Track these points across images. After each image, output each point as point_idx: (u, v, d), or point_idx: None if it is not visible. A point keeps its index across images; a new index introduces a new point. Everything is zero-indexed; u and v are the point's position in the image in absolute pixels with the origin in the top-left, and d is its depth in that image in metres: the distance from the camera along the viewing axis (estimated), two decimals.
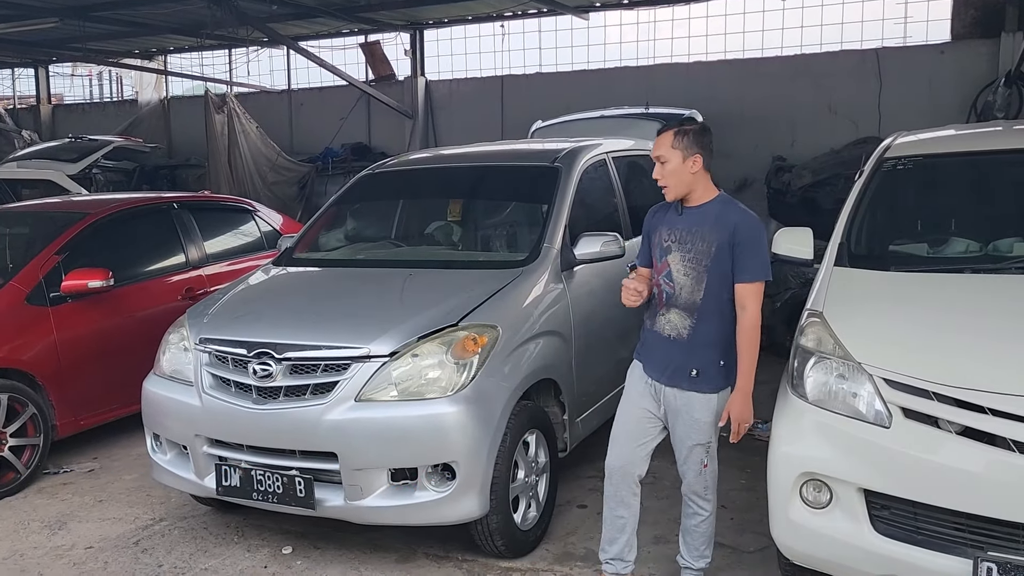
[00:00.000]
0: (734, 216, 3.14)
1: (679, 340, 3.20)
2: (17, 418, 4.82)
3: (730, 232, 3.10)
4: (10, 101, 16.13)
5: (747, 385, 3.14)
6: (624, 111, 8.09)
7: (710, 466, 3.29)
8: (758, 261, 3.11)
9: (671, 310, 3.22)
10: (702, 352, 3.17)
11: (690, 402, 3.20)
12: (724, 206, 3.19)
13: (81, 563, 3.96)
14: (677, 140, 3.14)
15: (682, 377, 3.20)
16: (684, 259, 3.16)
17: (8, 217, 6.25)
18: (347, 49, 11.96)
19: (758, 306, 3.12)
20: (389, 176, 5.43)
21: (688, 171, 3.14)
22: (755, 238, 3.12)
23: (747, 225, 3.13)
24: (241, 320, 4.06)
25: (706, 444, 3.25)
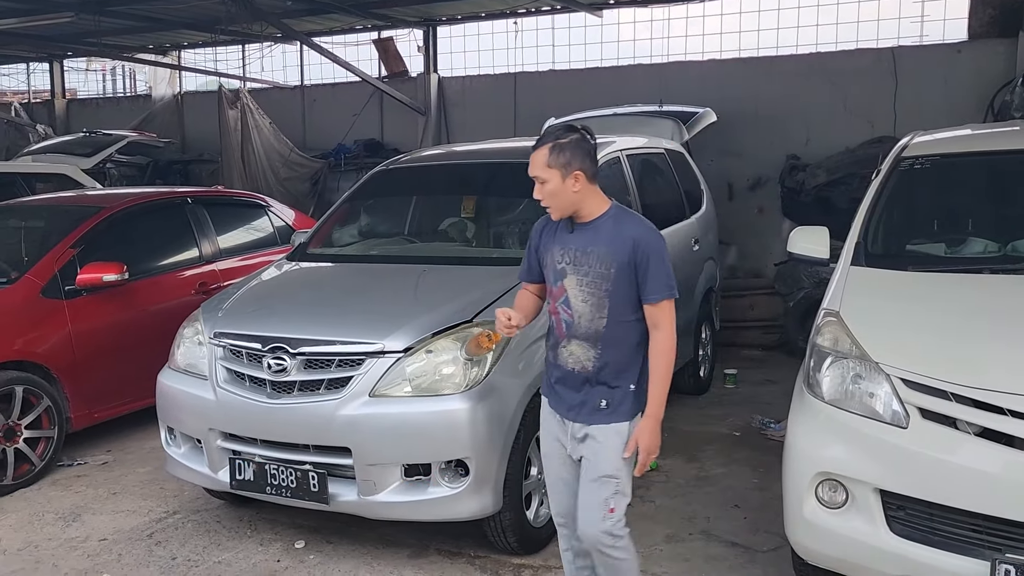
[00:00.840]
0: (631, 231, 2.79)
1: (584, 373, 2.85)
2: (32, 410, 4.85)
3: (629, 249, 2.76)
4: (25, 96, 16.21)
5: (657, 412, 2.81)
6: (637, 108, 8.06)
7: (616, 511, 2.82)
8: (664, 278, 2.78)
9: (572, 341, 2.85)
10: (610, 382, 2.83)
11: (599, 432, 2.84)
12: (618, 220, 2.83)
13: (95, 555, 3.98)
14: (553, 157, 2.75)
15: (591, 411, 2.85)
16: (581, 284, 2.81)
17: (23, 211, 6.29)
18: (360, 45, 11.95)
19: (672, 325, 2.81)
20: (402, 172, 5.44)
21: (570, 190, 2.76)
22: (657, 252, 2.78)
23: (647, 240, 2.78)
24: (256, 315, 4.07)
25: (614, 478, 2.81)
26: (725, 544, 3.95)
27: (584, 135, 2.80)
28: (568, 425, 2.91)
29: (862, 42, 9.00)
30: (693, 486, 4.63)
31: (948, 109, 7.92)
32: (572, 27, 10.74)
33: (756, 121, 8.92)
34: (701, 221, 6.41)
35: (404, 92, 11.07)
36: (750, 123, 8.90)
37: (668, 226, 5.77)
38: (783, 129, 8.86)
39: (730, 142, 8.85)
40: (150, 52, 13.34)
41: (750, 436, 5.46)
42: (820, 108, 8.73)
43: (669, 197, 6.16)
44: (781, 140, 8.86)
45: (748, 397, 6.37)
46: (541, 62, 10.87)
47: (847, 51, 8.95)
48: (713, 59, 9.62)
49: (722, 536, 4.02)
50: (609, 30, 10.62)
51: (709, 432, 5.52)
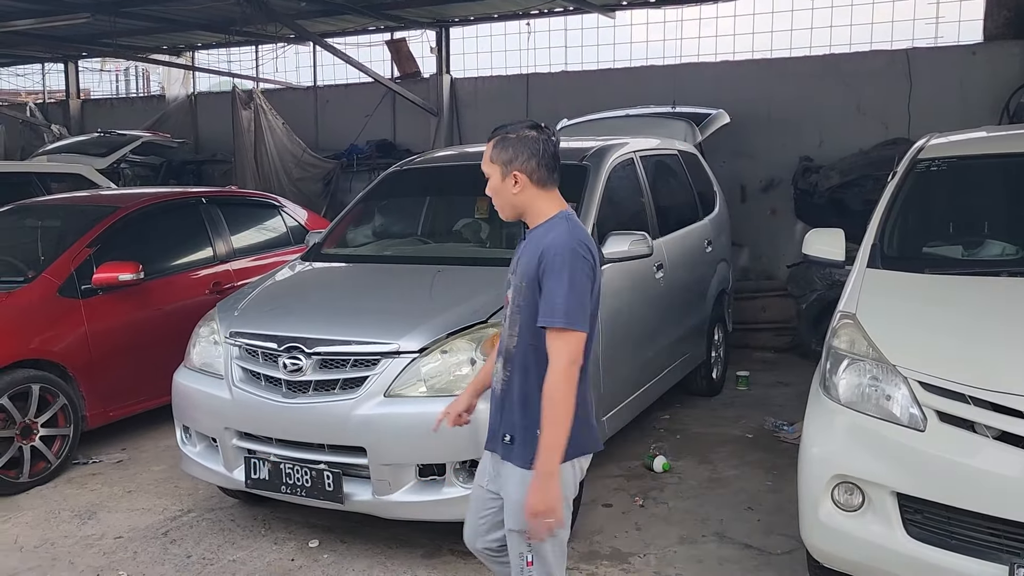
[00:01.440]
0: (547, 238, 2.39)
1: (500, 396, 2.53)
2: (48, 408, 4.88)
3: (537, 261, 2.37)
4: (40, 96, 16.32)
5: (545, 465, 2.30)
6: (650, 110, 8.06)
7: (536, 564, 2.43)
8: (553, 301, 2.31)
9: (499, 357, 2.56)
10: (516, 413, 2.45)
11: (506, 474, 2.49)
12: (548, 229, 2.43)
13: (111, 552, 4.00)
14: (496, 152, 2.48)
15: (499, 442, 2.52)
16: (511, 296, 2.51)
17: (40, 210, 6.33)
18: (373, 46, 11.99)
19: (566, 360, 2.31)
20: (416, 173, 5.45)
21: (509, 191, 2.46)
22: (559, 270, 2.32)
23: (552, 252, 2.35)
24: (271, 314, 4.09)
25: (522, 533, 2.41)
26: (739, 546, 3.94)
27: (540, 134, 2.49)
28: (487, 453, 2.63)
29: (876, 44, 8.97)
30: (706, 488, 4.63)
31: (963, 111, 7.88)
32: (585, 28, 10.74)
33: (769, 122, 8.90)
34: (714, 223, 6.40)
35: (417, 93, 11.09)
36: (763, 124, 8.88)
37: (681, 227, 5.78)
38: (796, 131, 8.83)
39: (743, 143, 8.83)
40: (164, 53, 13.41)
41: (763, 438, 5.44)
42: (833, 110, 8.70)
43: (682, 199, 6.16)
44: (794, 142, 8.83)
45: (761, 399, 6.35)
46: (554, 63, 10.87)
47: (861, 53, 8.91)
48: (726, 60, 9.60)
49: (736, 538, 4.01)
50: (622, 31, 10.61)
51: (722, 434, 5.51)
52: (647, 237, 4.44)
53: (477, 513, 2.70)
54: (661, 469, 4.84)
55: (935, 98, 8.23)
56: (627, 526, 4.16)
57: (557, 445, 2.31)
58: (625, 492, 4.57)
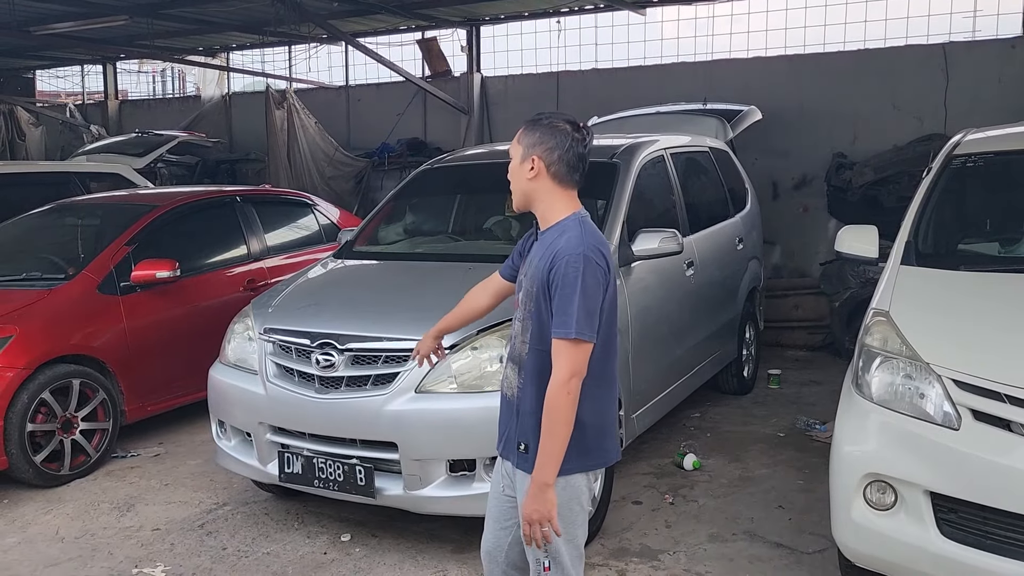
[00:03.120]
0: (558, 245, 2.31)
1: (512, 402, 2.47)
2: (88, 403, 4.99)
3: (547, 268, 2.31)
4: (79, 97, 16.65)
5: (542, 475, 2.26)
6: (681, 107, 8.02)
7: (553, 570, 2.40)
8: (563, 313, 2.26)
9: (508, 363, 2.50)
10: (530, 421, 2.38)
11: (522, 483, 2.41)
12: (562, 233, 2.35)
13: (149, 544, 4.09)
14: (523, 134, 2.43)
15: (512, 450, 2.47)
16: (521, 300, 2.44)
17: (79, 209, 6.45)
18: (404, 46, 12.06)
19: (567, 371, 2.25)
20: (447, 171, 5.49)
21: (524, 175, 2.40)
22: (569, 279, 2.26)
23: (563, 262, 2.27)
24: (304, 311, 4.14)
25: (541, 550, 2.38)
26: (770, 545, 3.92)
27: (573, 131, 2.39)
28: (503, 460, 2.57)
29: (912, 38, 8.84)
30: (737, 486, 4.61)
31: (1001, 106, 7.75)
32: (615, 25, 10.71)
33: (802, 119, 8.81)
34: (745, 220, 6.37)
35: (447, 92, 11.14)
36: (796, 121, 8.79)
37: (712, 225, 5.75)
38: (829, 127, 8.74)
39: (775, 140, 8.75)
40: (199, 54, 13.61)
41: (795, 437, 5.41)
42: (868, 106, 8.59)
43: (713, 196, 6.13)
44: (827, 138, 8.74)
45: (792, 398, 6.30)
46: (584, 61, 10.86)
47: (896, 47, 8.79)
48: (758, 56, 9.53)
49: (767, 537, 3.99)
50: (652, 28, 10.57)
51: (753, 433, 5.48)
52: (677, 234, 4.44)
53: (499, 522, 2.60)
54: (691, 467, 4.82)
55: (972, 93, 8.10)
56: (657, 524, 4.16)
57: (554, 455, 2.27)
58: (655, 490, 4.57)
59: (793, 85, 8.90)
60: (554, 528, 2.30)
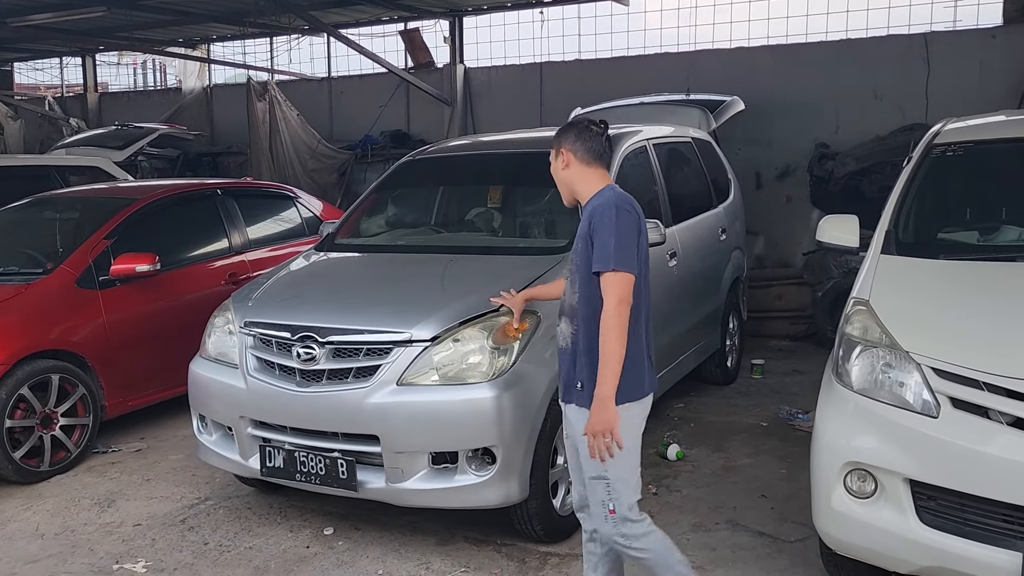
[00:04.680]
0: (594, 202, 2.83)
1: (567, 350, 2.90)
2: (68, 398, 4.94)
3: (588, 222, 2.79)
4: (58, 90, 16.46)
5: (603, 390, 2.66)
6: (664, 97, 8.02)
7: (618, 510, 2.76)
8: (602, 249, 2.71)
9: (561, 318, 2.95)
10: (585, 362, 2.80)
11: (581, 421, 2.79)
12: (596, 197, 2.85)
13: (130, 540, 4.06)
14: (555, 138, 2.97)
15: (572, 391, 2.87)
16: (571, 261, 2.93)
17: (58, 202, 6.39)
18: (387, 37, 11.98)
19: (615, 298, 2.68)
20: (429, 163, 5.46)
21: (560, 169, 2.93)
22: (606, 224, 2.72)
23: (598, 212, 2.76)
24: (285, 304, 4.11)
25: (601, 479, 2.76)
26: (752, 534, 3.94)
27: (592, 125, 2.92)
28: (564, 407, 2.96)
29: (893, 28, 8.86)
30: (720, 476, 4.62)
31: (982, 95, 7.78)
32: (598, 16, 10.68)
33: (785, 109, 8.82)
34: (728, 210, 6.38)
35: (430, 83, 11.09)
36: (778, 111, 8.80)
37: (695, 215, 5.75)
38: (812, 117, 8.76)
39: (758, 130, 8.77)
40: (180, 46, 13.47)
41: (777, 427, 5.43)
42: (850, 95, 8.61)
43: (696, 186, 6.13)
44: (810, 128, 8.76)
45: (775, 387, 6.33)
46: (567, 52, 10.83)
47: (878, 37, 8.81)
48: (741, 47, 9.53)
49: (749, 526, 4.01)
50: (636, 19, 10.55)
51: (736, 422, 5.50)
52: (660, 225, 4.43)
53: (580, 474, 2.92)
54: (675, 457, 4.84)
55: (953, 82, 8.14)
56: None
57: (612, 372, 2.66)
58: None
59: (776, 75, 8.91)
60: (616, 440, 2.66)
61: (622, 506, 2.77)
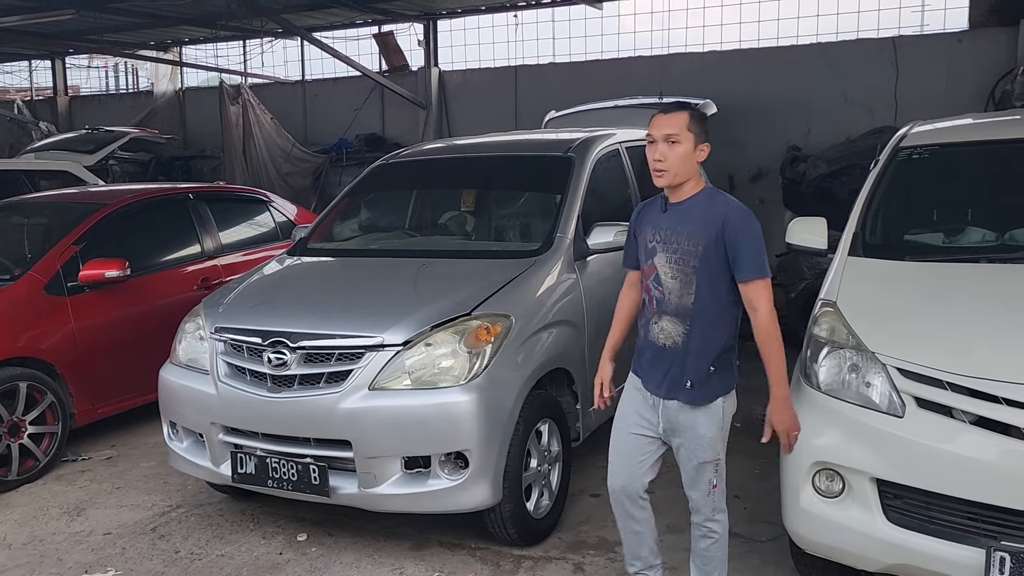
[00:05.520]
0: (722, 208, 2.85)
1: (674, 349, 2.93)
2: (36, 406, 4.88)
3: (719, 227, 2.81)
4: (27, 93, 16.26)
5: (782, 391, 2.89)
6: (638, 101, 8.06)
7: (719, 486, 3.03)
8: (755, 257, 2.81)
9: (663, 317, 2.95)
10: (697, 360, 2.92)
11: (692, 416, 2.96)
12: (711, 199, 2.90)
13: (99, 549, 4.01)
14: (694, 122, 2.87)
15: (679, 389, 2.94)
16: (670, 260, 2.90)
17: (27, 207, 6.31)
18: (361, 40, 11.97)
19: (771, 303, 2.86)
20: (402, 166, 5.45)
21: (696, 159, 2.88)
22: (751, 231, 2.82)
23: (739, 218, 2.82)
24: (256, 309, 4.08)
25: (714, 462, 2.99)
26: None
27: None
28: (657, 403, 3.00)
29: (863, 32, 9.00)
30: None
31: (949, 99, 7.91)
32: (572, 20, 10.75)
33: (757, 112, 8.92)
34: None
35: (405, 86, 11.08)
36: (751, 114, 8.90)
37: None
38: (784, 120, 8.86)
39: (731, 133, 8.83)
40: (151, 48, 13.37)
41: (751, 427, 5.43)
42: (821, 98, 8.72)
43: None
44: (782, 131, 8.86)
45: (749, 388, 6.26)
46: (542, 55, 10.89)
47: (848, 41, 8.94)
48: (714, 50, 9.63)
49: None
50: (609, 22, 10.63)
51: None
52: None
53: (635, 457, 3.08)
54: None
55: (922, 86, 8.27)
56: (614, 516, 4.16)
57: (784, 373, 2.89)
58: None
59: (748, 78, 9.00)
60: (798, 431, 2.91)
61: (722, 481, 3.03)
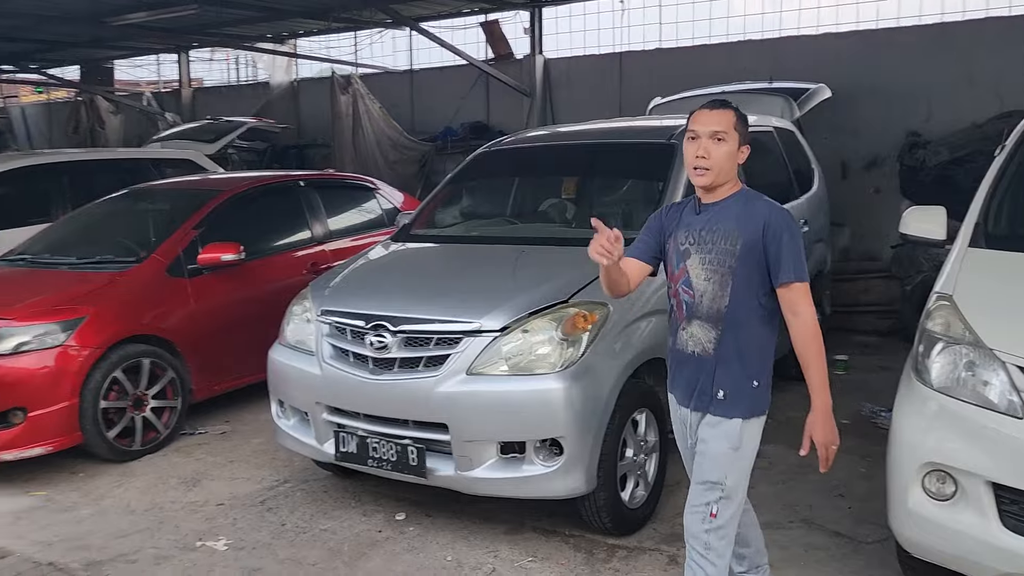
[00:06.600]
0: (763, 209, 2.69)
1: (704, 356, 2.73)
2: (158, 382, 5.17)
3: (760, 228, 2.64)
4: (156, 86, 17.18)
5: (824, 402, 2.67)
6: (747, 86, 7.84)
7: (719, 517, 2.69)
8: (796, 259, 2.64)
9: (692, 322, 2.74)
10: (731, 369, 2.70)
11: (711, 429, 2.74)
12: (748, 200, 2.73)
13: (212, 518, 4.23)
14: (739, 123, 2.71)
15: (707, 399, 2.73)
16: (704, 261, 2.71)
17: (152, 194, 6.67)
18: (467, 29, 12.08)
19: (812, 308, 2.66)
20: (505, 154, 5.48)
21: (737, 159, 2.71)
22: (793, 233, 2.66)
23: (781, 220, 2.67)
24: (359, 293, 4.20)
25: (719, 484, 2.68)
26: (827, 534, 3.84)
27: None
28: (687, 416, 2.83)
29: (992, 10, 8.43)
30: (795, 473, 4.51)
31: None
32: (680, 3, 10.51)
33: (874, 96, 8.51)
34: (811, 202, 6.20)
35: (510, 74, 11.12)
36: (867, 98, 8.50)
37: None
38: (902, 105, 8.42)
39: (846, 119, 8.48)
40: (268, 41, 13.87)
41: (859, 424, 5.27)
42: (943, 82, 8.24)
43: (777, 177, 5.97)
44: (900, 116, 8.43)
45: (859, 384, 6.13)
46: (648, 41, 10.70)
47: (975, 20, 8.40)
48: (828, 32, 9.23)
49: (824, 525, 3.91)
50: (719, 6, 10.33)
51: None
52: None
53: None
54: None
55: None
56: None
57: (825, 382, 2.68)
58: None
59: (864, 61, 8.60)
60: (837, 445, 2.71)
61: (724, 515, 2.70)
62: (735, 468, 2.70)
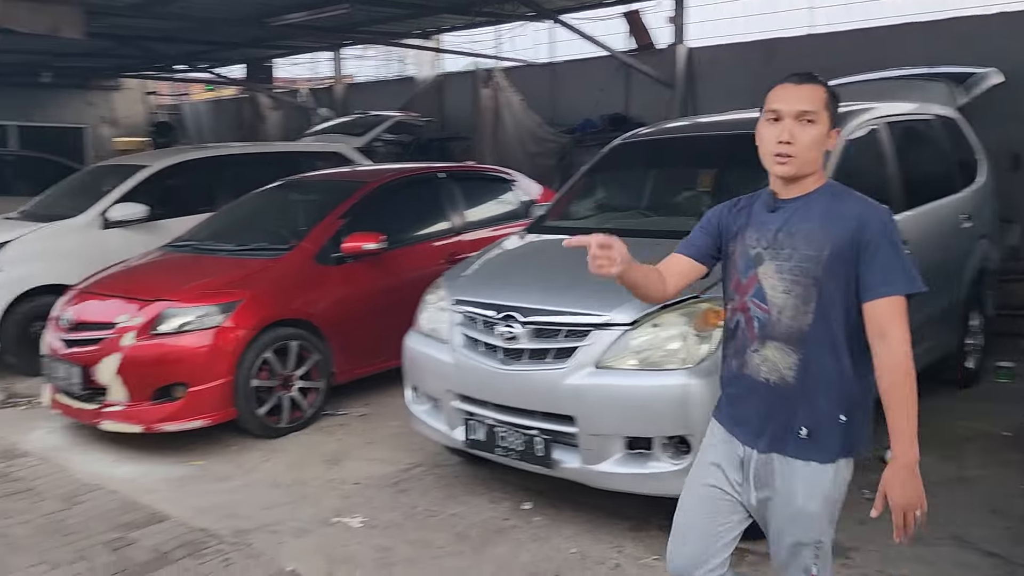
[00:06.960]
0: (856, 208, 2.21)
1: (781, 386, 2.26)
2: (304, 363, 5.45)
3: (852, 229, 2.17)
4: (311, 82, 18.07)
5: (908, 453, 2.14)
6: (905, 72, 7.37)
7: (820, 573, 2.31)
8: (900, 266, 2.16)
9: (767, 343, 2.27)
10: (816, 402, 2.23)
11: (792, 477, 2.27)
12: (836, 196, 2.25)
13: (349, 496, 4.42)
14: (831, 101, 2.26)
15: (787, 439, 2.26)
16: (781, 270, 2.24)
17: (303, 185, 7.03)
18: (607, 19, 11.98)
19: (906, 333, 2.15)
20: (641, 145, 5.42)
21: (825, 144, 2.25)
22: (890, 236, 2.17)
23: (877, 219, 2.18)
24: (492, 283, 4.27)
25: (814, 544, 2.28)
26: (979, 553, 3.57)
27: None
28: (750, 457, 2.33)
29: None
30: (946, 487, 4.22)
31: None
32: None
33: None
34: (975, 195, 5.77)
35: (651, 65, 10.94)
36: None
37: (934, 200, 5.26)
38: None
39: (1019, 106, 7.82)
40: (415, 37, 14.28)
41: (1022, 438, 4.86)
42: None
43: (936, 168, 5.60)
44: None
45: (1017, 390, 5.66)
46: (798, 27, 10.26)
47: None
48: (1001, 12, 8.53)
49: (976, 543, 3.65)
50: None
51: (971, 429, 4.99)
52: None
53: (715, 520, 2.39)
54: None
55: None
56: (849, 520, 3.89)
57: (914, 430, 2.16)
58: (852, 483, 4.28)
59: None
60: (923, 509, 2.16)
61: (825, 571, 2.33)
62: (828, 520, 2.30)
